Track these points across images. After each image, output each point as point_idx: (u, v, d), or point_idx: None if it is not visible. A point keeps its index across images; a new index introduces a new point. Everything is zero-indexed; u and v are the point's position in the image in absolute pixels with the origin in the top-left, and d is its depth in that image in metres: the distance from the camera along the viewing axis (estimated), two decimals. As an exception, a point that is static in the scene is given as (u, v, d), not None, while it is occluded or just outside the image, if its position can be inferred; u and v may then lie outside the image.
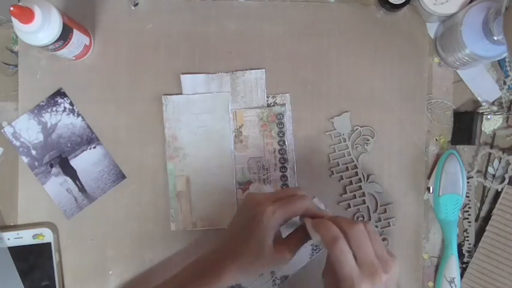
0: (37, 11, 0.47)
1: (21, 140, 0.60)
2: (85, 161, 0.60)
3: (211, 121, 0.60)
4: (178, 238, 0.61)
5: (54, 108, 0.60)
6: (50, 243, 0.59)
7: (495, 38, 0.52)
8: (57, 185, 0.60)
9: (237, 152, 0.61)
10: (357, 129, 0.61)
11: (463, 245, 0.62)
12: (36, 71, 0.60)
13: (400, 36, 0.61)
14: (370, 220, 0.61)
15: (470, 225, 0.62)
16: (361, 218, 0.61)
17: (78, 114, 0.60)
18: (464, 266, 0.61)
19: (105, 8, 0.61)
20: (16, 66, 0.60)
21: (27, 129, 0.60)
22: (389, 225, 0.61)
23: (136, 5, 0.61)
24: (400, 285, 0.61)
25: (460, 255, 0.61)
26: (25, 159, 0.60)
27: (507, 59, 0.60)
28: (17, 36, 0.60)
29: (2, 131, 0.60)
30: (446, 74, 0.62)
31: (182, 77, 0.60)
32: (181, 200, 0.60)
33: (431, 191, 0.61)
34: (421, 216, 0.62)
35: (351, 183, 0.61)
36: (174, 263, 0.61)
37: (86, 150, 0.60)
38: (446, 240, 0.60)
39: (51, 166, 0.60)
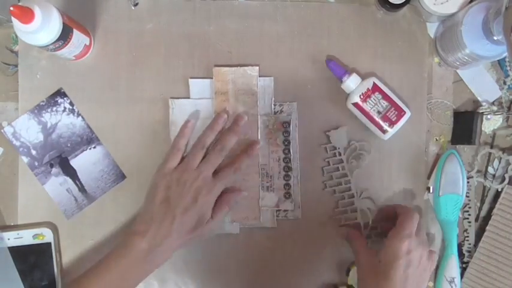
0: (37, 11, 0.47)
1: (21, 140, 0.60)
2: (85, 161, 0.60)
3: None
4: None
5: (54, 108, 0.60)
6: (50, 243, 0.59)
7: (495, 38, 0.52)
8: (57, 185, 0.60)
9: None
10: (353, 144, 0.60)
11: (463, 245, 0.62)
12: (36, 71, 0.60)
13: (400, 36, 0.61)
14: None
15: (470, 225, 0.62)
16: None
17: (78, 114, 0.60)
18: (464, 266, 0.61)
19: (105, 8, 0.61)
20: (16, 66, 0.60)
21: (27, 129, 0.60)
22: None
23: (136, 5, 0.61)
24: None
25: (460, 255, 0.61)
26: (25, 159, 0.60)
27: (507, 59, 0.60)
28: (17, 36, 0.60)
29: (2, 131, 0.60)
30: (446, 74, 0.62)
31: (190, 81, 0.60)
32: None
33: (431, 191, 0.61)
34: (421, 216, 0.61)
35: (343, 198, 0.61)
36: (174, 263, 0.61)
37: (86, 150, 0.60)
38: (446, 240, 0.60)
39: (51, 166, 0.60)
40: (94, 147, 0.60)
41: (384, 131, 0.58)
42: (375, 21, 0.61)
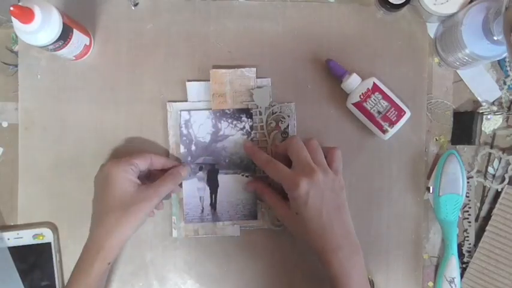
0: (37, 11, 0.47)
1: (189, 131, 0.60)
2: (231, 183, 0.60)
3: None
4: (178, 238, 0.61)
5: (234, 122, 0.60)
6: (50, 243, 0.59)
7: (495, 38, 0.52)
8: (194, 188, 0.60)
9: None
10: (275, 105, 0.60)
11: (463, 245, 0.62)
12: (36, 71, 0.60)
13: (400, 36, 0.61)
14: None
15: (470, 225, 0.62)
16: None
17: (252, 140, 0.60)
18: (464, 266, 0.61)
19: (105, 8, 0.61)
20: (16, 66, 0.60)
21: (200, 125, 0.60)
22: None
23: (136, 5, 0.61)
24: (400, 284, 0.61)
25: (460, 255, 0.61)
26: (182, 148, 0.60)
27: (507, 59, 0.60)
28: (17, 36, 0.60)
29: (179, 112, 0.60)
30: (446, 74, 0.62)
31: (188, 84, 0.60)
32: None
33: (431, 191, 0.61)
34: (421, 216, 0.62)
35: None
36: (174, 263, 0.61)
37: (239, 174, 0.60)
38: (446, 240, 0.60)
39: (200, 169, 0.60)
40: (247, 176, 0.60)
41: (384, 131, 0.58)
42: (375, 21, 0.61)
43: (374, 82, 0.58)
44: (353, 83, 0.58)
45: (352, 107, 0.59)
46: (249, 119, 0.60)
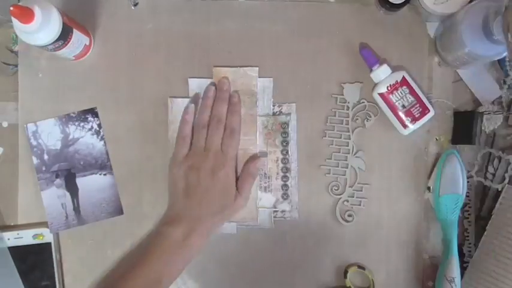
0: (37, 11, 0.47)
1: (38, 141, 0.60)
2: (90, 184, 0.60)
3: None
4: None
5: (82, 124, 0.60)
6: (50, 243, 0.59)
7: (495, 38, 0.52)
8: (54, 196, 0.60)
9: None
10: (363, 102, 0.61)
11: (463, 245, 0.62)
12: (36, 71, 0.60)
13: (400, 36, 0.61)
14: (344, 192, 0.61)
15: (470, 225, 0.62)
16: (336, 188, 0.61)
17: (102, 138, 0.60)
18: (464, 266, 0.61)
19: (105, 8, 0.61)
20: (16, 66, 0.60)
21: (49, 134, 0.60)
22: (360, 205, 0.61)
23: (136, 5, 0.61)
24: (400, 284, 0.61)
25: (460, 255, 0.61)
26: (35, 160, 0.60)
27: (507, 59, 0.60)
28: (17, 36, 0.60)
29: (24, 126, 0.60)
30: (446, 74, 0.62)
31: (190, 80, 0.60)
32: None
33: (431, 191, 0.61)
34: (421, 216, 0.61)
35: (338, 151, 0.61)
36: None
37: (96, 174, 0.60)
38: (446, 240, 0.60)
39: (57, 176, 0.60)
40: (104, 175, 0.60)
41: (405, 126, 0.59)
42: (375, 21, 0.61)
43: (404, 76, 0.59)
44: (383, 73, 0.58)
45: (377, 97, 0.59)
46: (95, 118, 0.60)
